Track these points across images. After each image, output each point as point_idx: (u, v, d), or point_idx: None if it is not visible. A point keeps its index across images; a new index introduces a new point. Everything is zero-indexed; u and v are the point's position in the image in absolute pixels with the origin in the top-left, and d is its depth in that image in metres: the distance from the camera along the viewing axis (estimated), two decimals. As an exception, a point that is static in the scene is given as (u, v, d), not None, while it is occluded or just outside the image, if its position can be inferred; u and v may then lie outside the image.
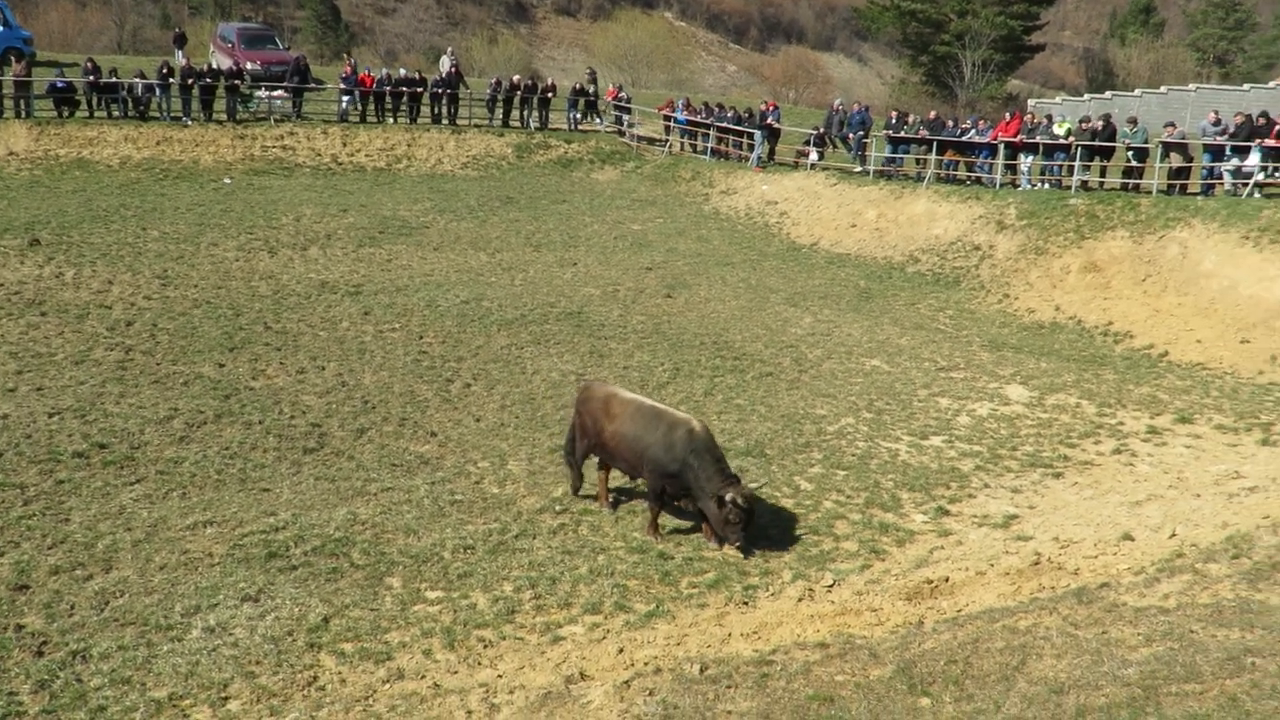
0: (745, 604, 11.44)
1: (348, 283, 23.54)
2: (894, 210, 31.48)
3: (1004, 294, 26.48)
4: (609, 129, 43.32)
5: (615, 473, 13.88)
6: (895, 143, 34.21)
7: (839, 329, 22.55)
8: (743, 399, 18.04)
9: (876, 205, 31.97)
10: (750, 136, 37.78)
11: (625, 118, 43.21)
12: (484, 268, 25.91)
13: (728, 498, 12.13)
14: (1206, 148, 28.62)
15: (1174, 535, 12.07)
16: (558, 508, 13.73)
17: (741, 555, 12.50)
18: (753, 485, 12.97)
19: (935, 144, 32.83)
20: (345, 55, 54.99)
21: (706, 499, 12.35)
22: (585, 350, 19.97)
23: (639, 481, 13.70)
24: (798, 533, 13.20)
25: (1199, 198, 27.38)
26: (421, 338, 20.15)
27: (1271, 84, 61.07)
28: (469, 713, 9.42)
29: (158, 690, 9.68)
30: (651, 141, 42.19)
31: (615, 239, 30.09)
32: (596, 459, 13.81)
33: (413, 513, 13.37)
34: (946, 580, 11.51)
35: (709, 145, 39.33)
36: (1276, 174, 27.40)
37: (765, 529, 13.06)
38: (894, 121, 34.98)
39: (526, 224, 31.11)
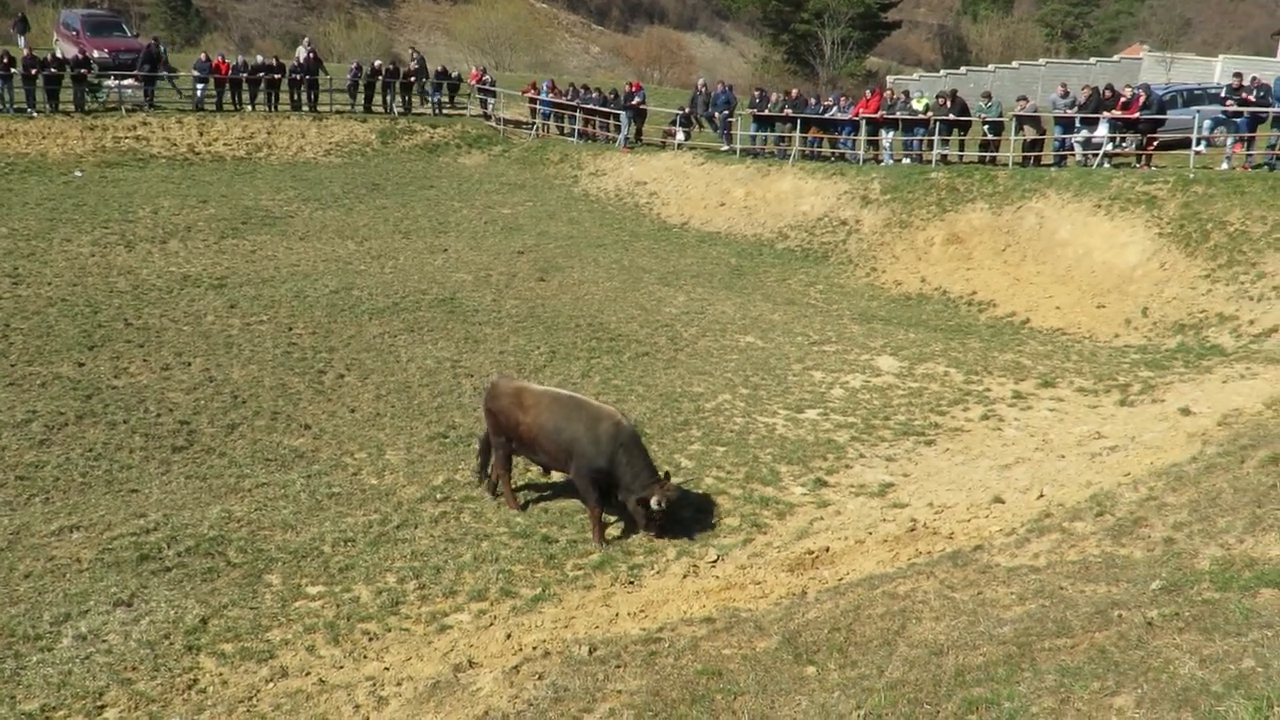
0: (631, 584, 11.49)
1: (211, 275, 22.94)
2: (761, 188, 31.80)
3: (871, 267, 26.97)
4: (474, 113, 42.92)
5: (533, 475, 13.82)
6: (760, 121, 34.58)
7: (712, 307, 22.73)
8: (620, 379, 18.09)
9: (744, 183, 32.27)
10: (617, 118, 37.81)
11: (490, 101, 42.85)
12: (352, 256, 25.49)
13: (652, 502, 12.08)
14: (1057, 120, 29.56)
15: (1041, 496, 12.44)
16: (438, 496, 13.60)
17: (629, 537, 12.57)
18: (678, 481, 12.90)
19: (799, 121, 33.30)
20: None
21: (631, 497, 12.23)
22: (460, 336, 19.80)
23: (553, 475, 13.68)
24: (681, 510, 13.29)
25: (1052, 169, 28.26)
26: (291, 329, 19.74)
27: (1115, 57, 63.34)
28: (356, 707, 9.29)
29: (28, 703, 9.34)
30: (518, 125, 41.96)
31: (486, 224, 29.86)
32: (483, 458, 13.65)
33: (289, 508, 13.11)
34: (827, 550, 11.70)
35: (576, 127, 39.26)
36: (1123, 144, 28.44)
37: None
38: (758, 100, 35.34)
39: (394, 211, 30.68)
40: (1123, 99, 28.20)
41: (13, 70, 35.56)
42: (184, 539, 12.17)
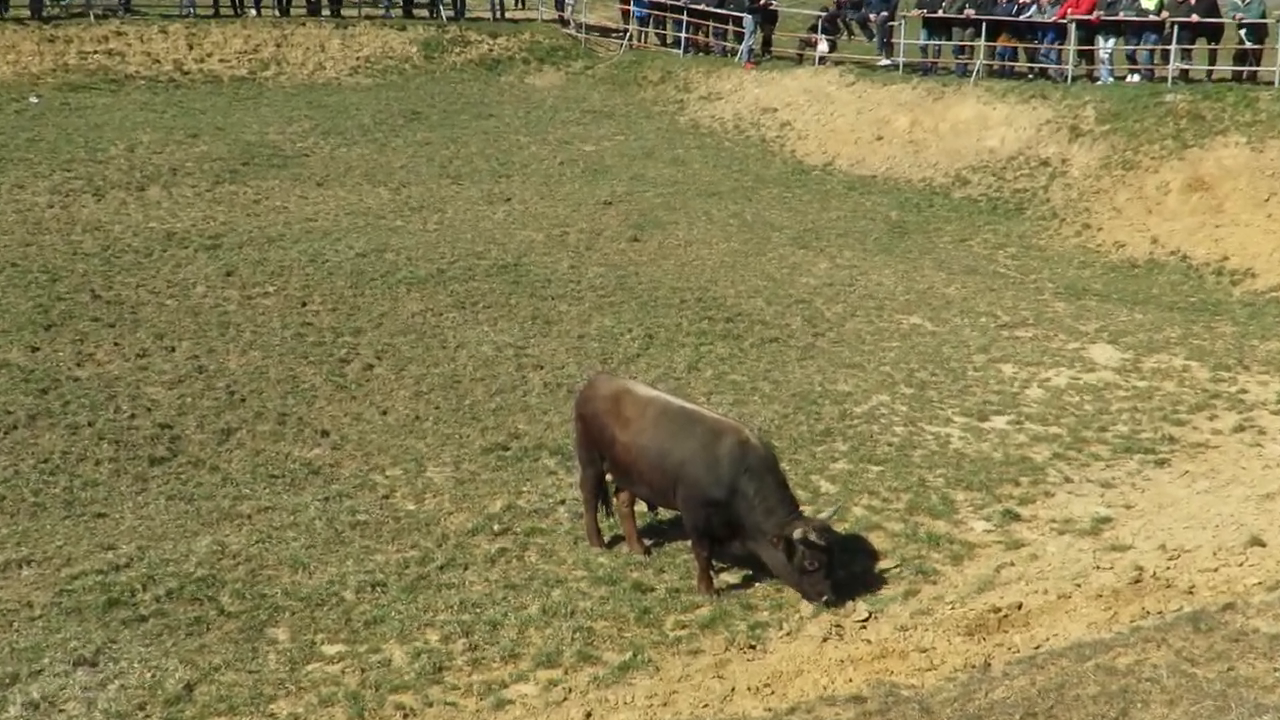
0: (752, 648, 11.42)
1: (202, 233, 23.33)
2: (933, 116, 31.48)
3: (1083, 224, 26.55)
4: (547, 17, 43.08)
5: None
6: (932, 26, 34.16)
7: (865, 277, 22.60)
8: (739, 373, 18.03)
9: (909, 110, 31.96)
10: (738, 22, 37.66)
11: (569, 2, 42.97)
12: (385, 208, 25.76)
13: (796, 537, 11.67)
14: (1345, 21, 28.78)
15: (1318, 537, 12.15)
16: (496, 527, 13.66)
17: (751, 586, 12.48)
18: (824, 515, 12.44)
19: (985, 26, 32.80)
20: None
21: (763, 540, 11.95)
22: (526, 315, 19.89)
23: (660, 513, 13.64)
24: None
25: (1337, 88, 27.54)
26: (304, 305, 20.00)
27: None
28: (387, 806, 9.38)
29: (-37, 791, 9.58)
30: (605, 33, 42.02)
31: (561, 165, 29.98)
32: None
33: (301, 540, 13.26)
34: (1019, 607, 11.55)
35: (683, 36, 39.18)
36: None
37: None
38: (930, -3, 34.88)
39: (441, 148, 30.94)
40: None
41: (-49, -34, 36.50)
42: (164, 579, 12.33)
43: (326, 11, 40.29)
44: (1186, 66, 30.09)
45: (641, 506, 13.51)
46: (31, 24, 36.87)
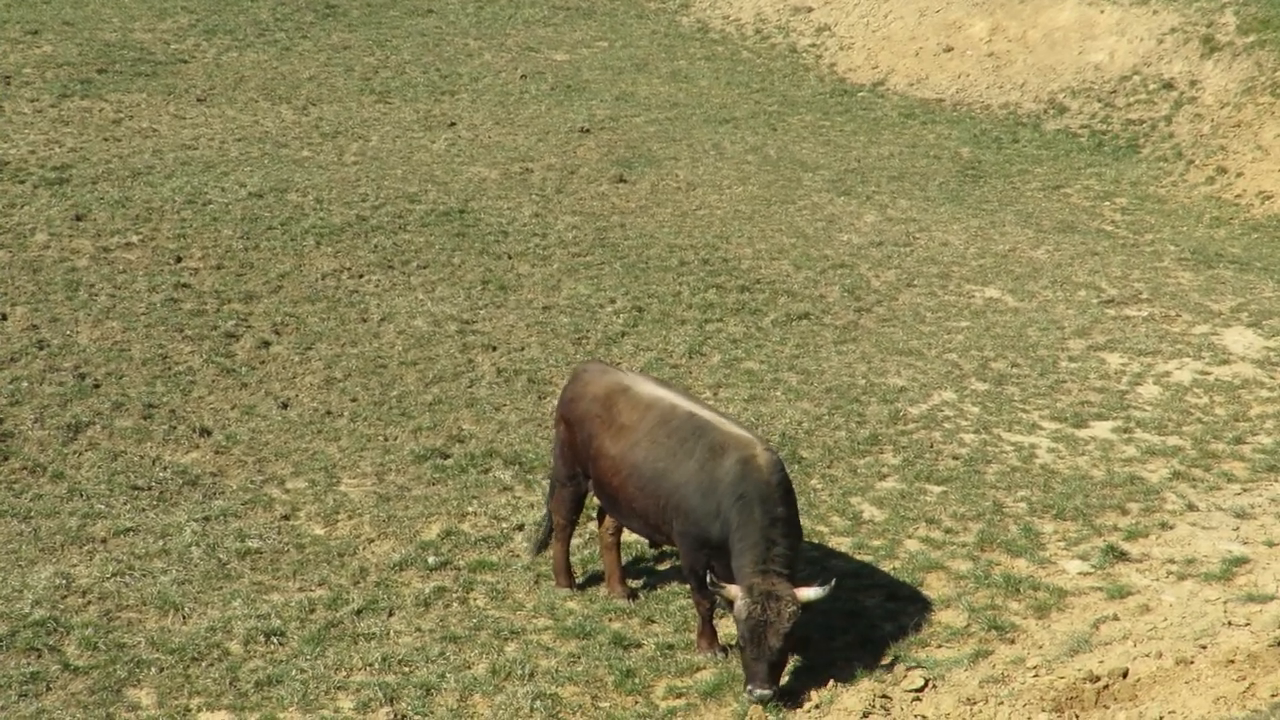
0: (769, 723, 11.49)
1: (44, 163, 23.25)
2: (1020, 21, 31.44)
3: (1218, 167, 26.55)
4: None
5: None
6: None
7: (926, 234, 22.61)
8: (757, 360, 18.06)
9: (989, 11, 31.91)
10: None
11: None
12: (288, 133, 25.70)
13: (738, 602, 11.44)
14: None
15: None
16: (431, 559, 13.65)
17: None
18: (811, 590, 12.13)
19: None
20: None
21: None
22: (474, 279, 19.86)
23: (659, 549, 13.65)
24: (861, 597, 13.26)
25: None
26: (179, 261, 19.95)
27: None
28: None
29: None
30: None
31: (523, 79, 29.91)
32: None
33: (172, 573, 13.22)
34: (1124, 675, 11.59)
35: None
36: None
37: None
38: None
39: (363, 54, 30.87)
40: None
41: None
42: (-11, 623, 12.39)
43: None
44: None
45: (630, 536, 13.50)
46: None
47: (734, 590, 11.44)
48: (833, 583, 11.72)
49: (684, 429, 12.24)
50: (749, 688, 11.50)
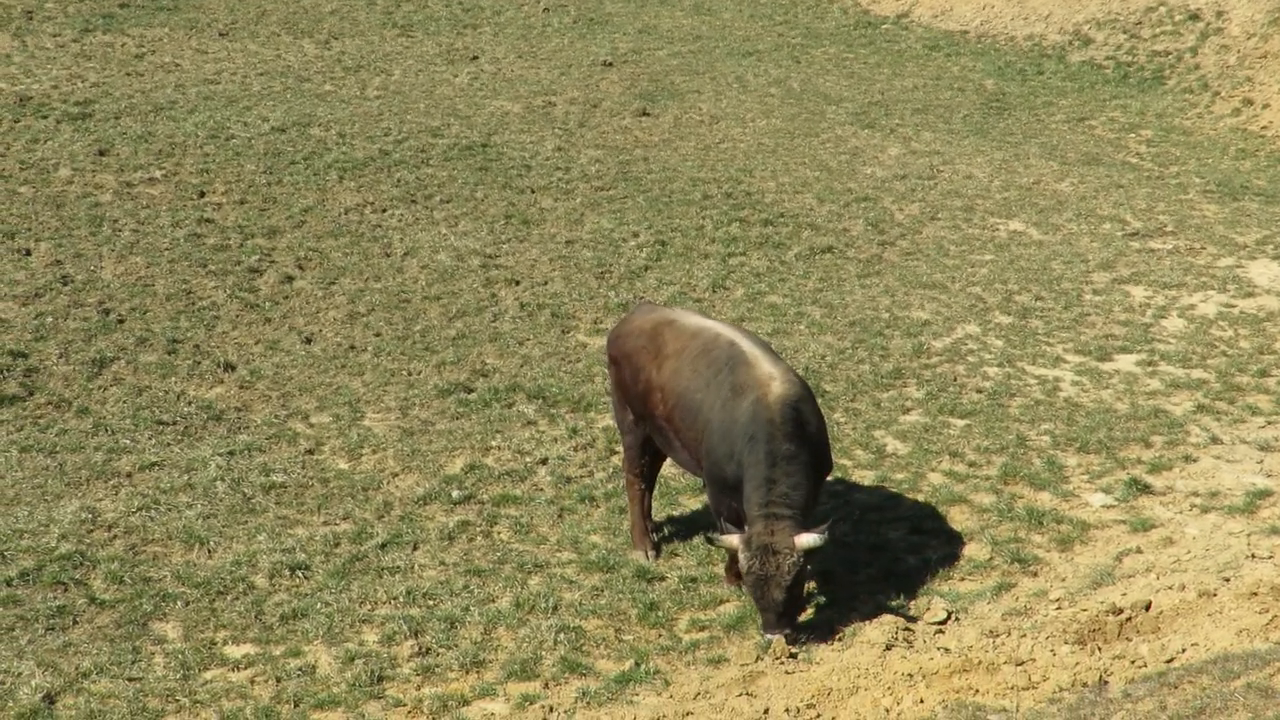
0: (793, 656, 11.41)
1: (66, 98, 23.24)
2: (1045, -49, 31.30)
3: (1245, 98, 26.40)
4: None
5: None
6: None
7: (950, 167, 22.57)
8: (781, 294, 18.04)
9: (1013, -58, 31.78)
10: None
11: None
12: (310, 67, 25.65)
13: (741, 554, 11.40)
14: None
15: None
16: (455, 493, 13.72)
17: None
18: (810, 536, 12.07)
19: None
20: None
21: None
22: (497, 213, 19.84)
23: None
24: (885, 530, 13.29)
25: None
26: (202, 195, 19.96)
27: None
28: None
29: None
30: None
31: (546, 12, 29.89)
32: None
33: (197, 507, 13.29)
34: (1147, 608, 11.56)
35: None
36: None
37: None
38: None
39: (385, -14, 30.80)
40: None
41: None
42: (17, 557, 12.38)
43: None
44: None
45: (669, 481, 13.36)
46: None
47: (733, 541, 11.41)
48: (830, 523, 11.66)
49: (720, 360, 12.06)
50: (762, 631, 11.55)
